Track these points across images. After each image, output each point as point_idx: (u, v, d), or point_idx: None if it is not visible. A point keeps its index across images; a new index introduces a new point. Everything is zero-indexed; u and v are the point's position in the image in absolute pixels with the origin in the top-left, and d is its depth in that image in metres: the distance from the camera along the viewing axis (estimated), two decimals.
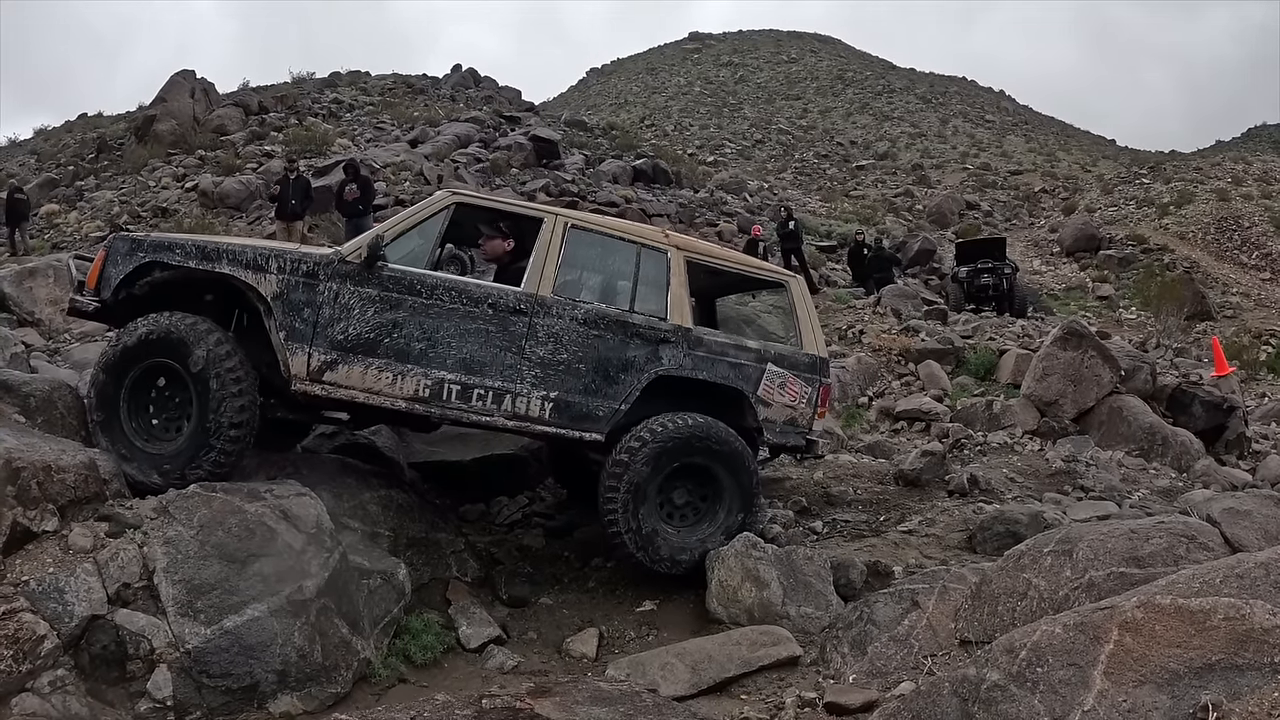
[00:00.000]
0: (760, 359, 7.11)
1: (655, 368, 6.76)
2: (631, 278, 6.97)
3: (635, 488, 6.54)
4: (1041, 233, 46.13)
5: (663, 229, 7.78)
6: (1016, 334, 16.55)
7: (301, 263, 6.17)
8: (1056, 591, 4.72)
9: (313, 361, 6.07)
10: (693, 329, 6.96)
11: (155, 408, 6.09)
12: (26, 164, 43.55)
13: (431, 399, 6.25)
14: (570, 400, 6.54)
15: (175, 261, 6.18)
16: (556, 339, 6.52)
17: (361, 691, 5.40)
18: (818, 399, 7.34)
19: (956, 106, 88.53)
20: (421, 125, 38.93)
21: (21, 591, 4.71)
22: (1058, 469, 10.50)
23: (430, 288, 6.32)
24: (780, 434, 7.21)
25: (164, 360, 5.92)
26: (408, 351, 6.21)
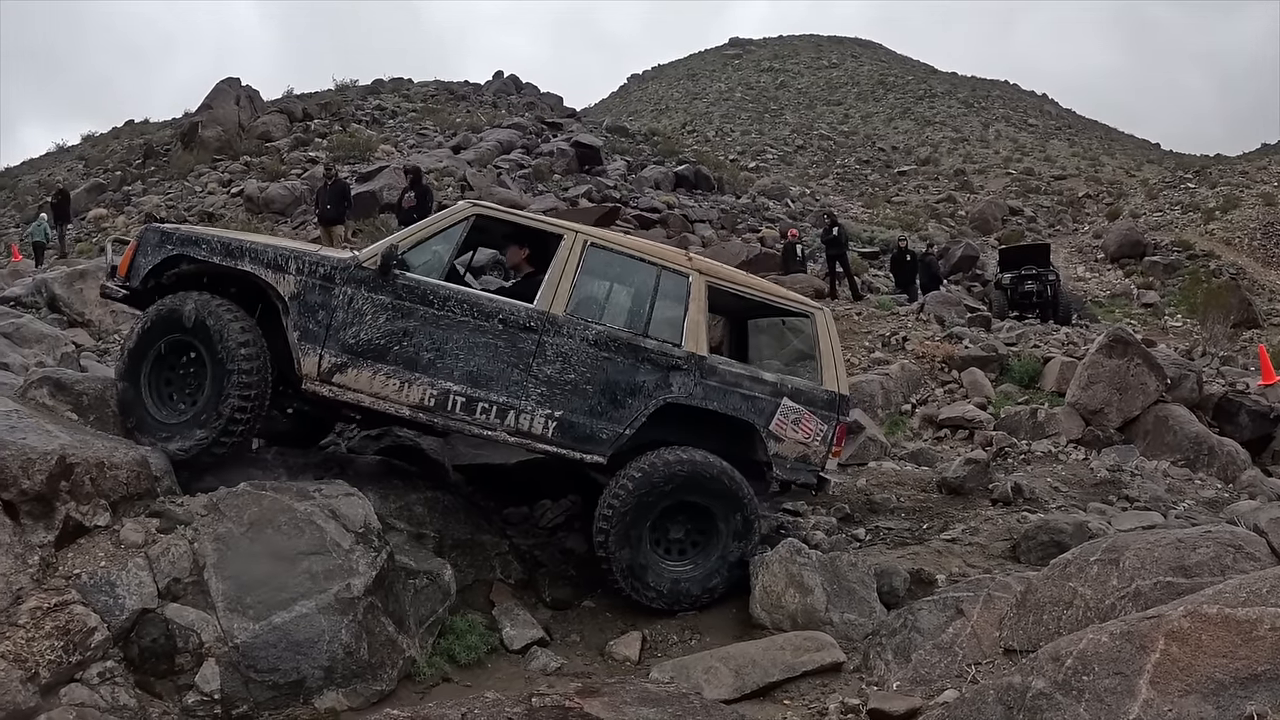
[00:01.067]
0: (776, 393, 6.92)
1: (664, 395, 6.67)
2: (649, 300, 6.87)
3: (625, 524, 6.50)
4: (1085, 239, 45.72)
5: (687, 251, 7.58)
6: (1061, 341, 16.42)
7: (319, 266, 6.32)
8: (1103, 600, 4.72)
9: (323, 363, 6.21)
10: (707, 357, 6.83)
11: (174, 382, 6.32)
12: (75, 169, 44.36)
13: (436, 409, 6.32)
14: (574, 421, 6.51)
15: (201, 256, 6.41)
16: (565, 358, 6.50)
17: (406, 690, 5.48)
18: (833, 438, 7.11)
19: (999, 110, 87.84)
20: (464, 131, 39.24)
21: (73, 584, 4.84)
22: (1102, 478, 10.43)
23: (443, 299, 6.39)
24: (791, 470, 7.01)
25: (187, 339, 6.15)
26: (416, 360, 6.30)
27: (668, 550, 6.81)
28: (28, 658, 4.36)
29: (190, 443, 6.04)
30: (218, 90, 40.52)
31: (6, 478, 4.88)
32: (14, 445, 5.01)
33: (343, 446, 8.36)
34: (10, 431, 5.18)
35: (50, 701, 4.36)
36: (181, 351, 6.27)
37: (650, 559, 6.64)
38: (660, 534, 6.77)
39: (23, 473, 4.92)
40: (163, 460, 5.88)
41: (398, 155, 34.24)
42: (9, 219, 37.96)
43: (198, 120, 39.27)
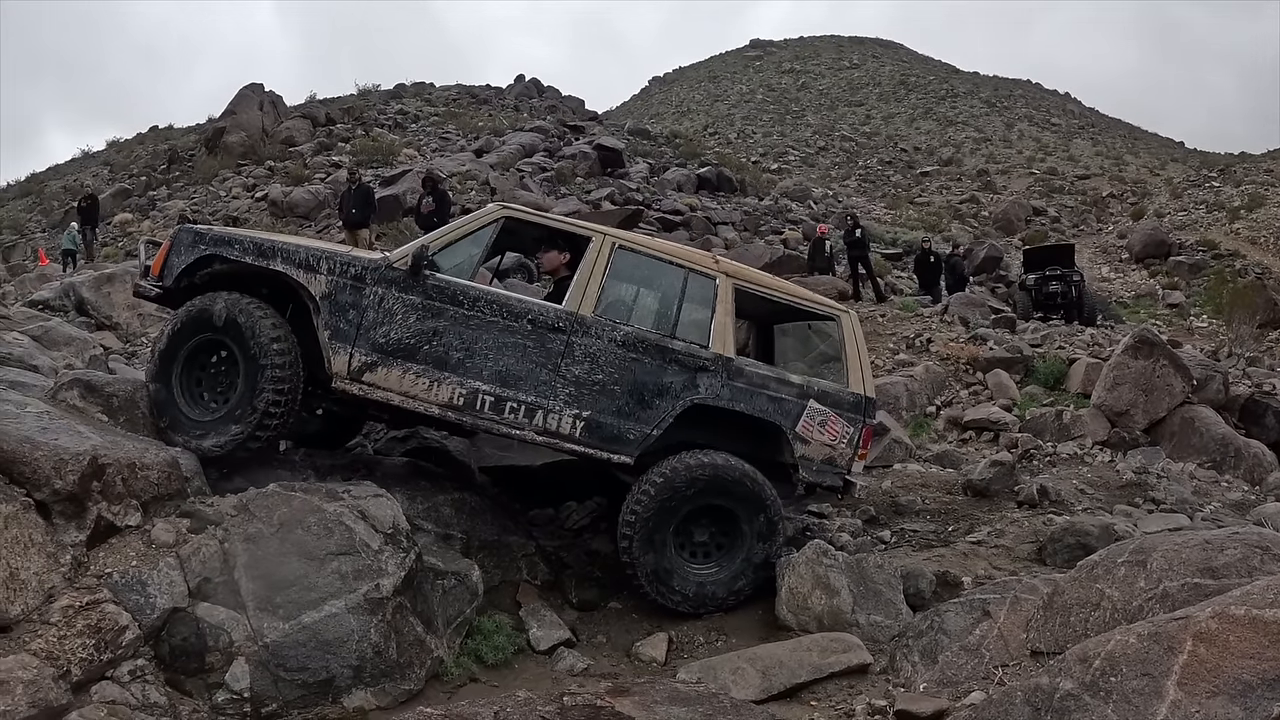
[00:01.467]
0: (802, 394, 6.90)
1: (691, 396, 6.67)
2: (676, 302, 6.91)
3: (649, 528, 6.51)
4: (1110, 238, 45.46)
5: (714, 254, 7.58)
6: (1086, 343, 16.35)
7: (350, 266, 6.40)
8: (1130, 602, 4.72)
9: (354, 362, 6.28)
10: (734, 359, 6.84)
11: (205, 381, 6.41)
12: (100, 175, 44.73)
13: (465, 408, 6.37)
14: (602, 421, 6.54)
15: (234, 256, 6.50)
16: (593, 359, 6.53)
17: (433, 689, 5.52)
18: (859, 440, 7.07)
19: (1021, 110, 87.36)
20: (486, 135, 39.39)
21: (105, 583, 4.90)
22: (1128, 481, 10.39)
23: (472, 299, 6.45)
24: (817, 473, 6.96)
25: (219, 338, 6.24)
26: (446, 360, 6.36)
27: (693, 553, 6.80)
28: (60, 655, 4.41)
29: (225, 438, 6.12)
30: (241, 96, 40.86)
31: (39, 478, 4.94)
32: (46, 446, 5.08)
33: (369, 448, 8.42)
34: (42, 432, 5.25)
35: (82, 699, 4.40)
36: (212, 351, 6.35)
37: (675, 562, 6.64)
38: (685, 537, 6.77)
39: (55, 473, 4.98)
40: (193, 461, 5.95)
41: (420, 159, 34.43)
42: (35, 224, 38.31)
43: (222, 125, 39.62)
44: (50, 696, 4.17)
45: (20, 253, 31.92)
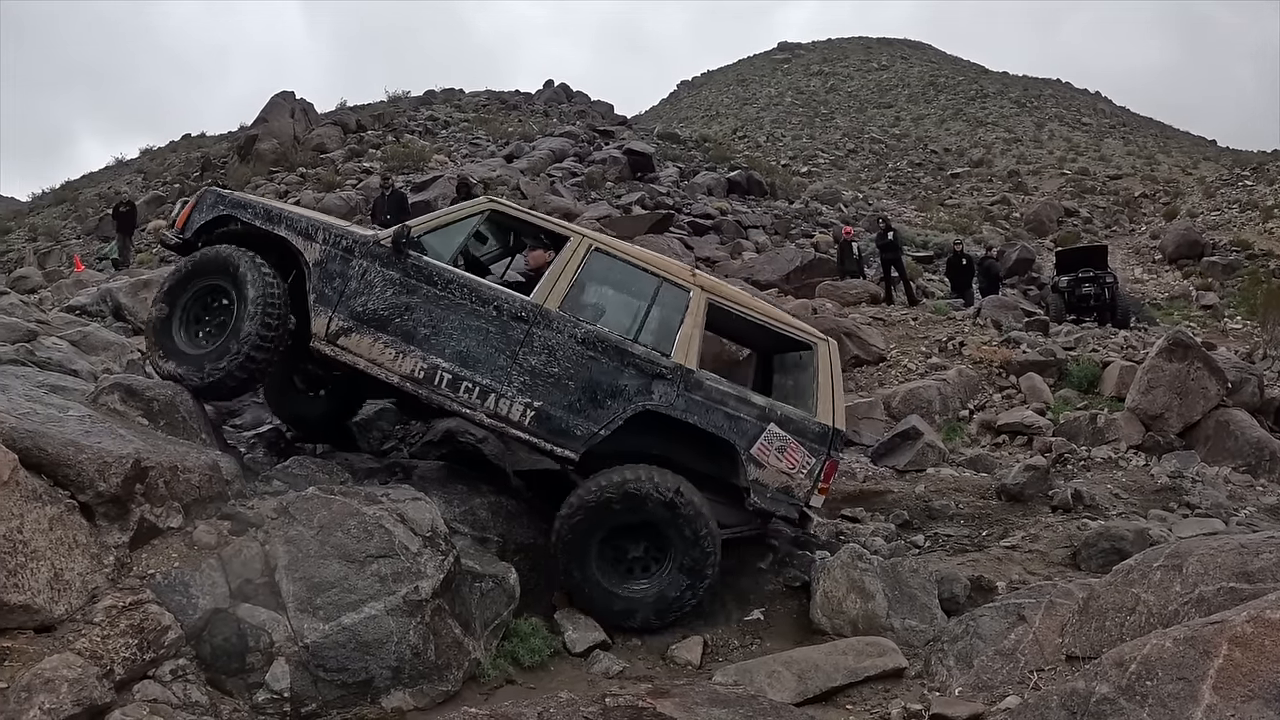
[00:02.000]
0: (763, 417, 6.75)
1: (644, 401, 6.66)
2: (645, 309, 6.96)
3: (574, 538, 6.51)
4: (1143, 239, 45.03)
5: (691, 267, 7.60)
6: (1119, 345, 16.21)
7: (343, 239, 6.85)
8: (1166, 606, 4.71)
9: (332, 325, 6.68)
10: (695, 371, 6.76)
11: (204, 321, 6.92)
12: (134, 182, 45.16)
13: (424, 381, 6.61)
14: (552, 413, 6.62)
15: (246, 218, 7.10)
16: (551, 352, 6.66)
17: (470, 690, 5.57)
18: (821, 473, 6.80)
19: (1052, 110, 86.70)
20: (516, 140, 39.54)
21: (148, 584, 4.97)
22: (1163, 485, 10.32)
23: (445, 281, 6.74)
24: (770, 500, 6.73)
25: (222, 283, 6.76)
26: (413, 334, 6.65)
27: (629, 569, 6.72)
28: (103, 654, 4.46)
29: (210, 368, 6.59)
30: (273, 104, 41.27)
31: (83, 480, 5.02)
32: (90, 449, 5.15)
33: (405, 452, 8.50)
34: (85, 436, 5.33)
35: (124, 697, 4.45)
36: (214, 296, 6.86)
37: (595, 576, 6.58)
38: (619, 551, 6.72)
39: (99, 475, 5.06)
40: (233, 464, 6.05)
41: (451, 165, 34.59)
42: (70, 231, 38.74)
43: (254, 133, 39.99)
44: (94, 695, 4.23)
45: (56, 259, 32.29)
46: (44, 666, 4.16)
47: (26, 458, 4.84)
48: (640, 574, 6.69)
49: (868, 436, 12.37)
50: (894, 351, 15.87)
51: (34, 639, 4.37)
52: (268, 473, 6.71)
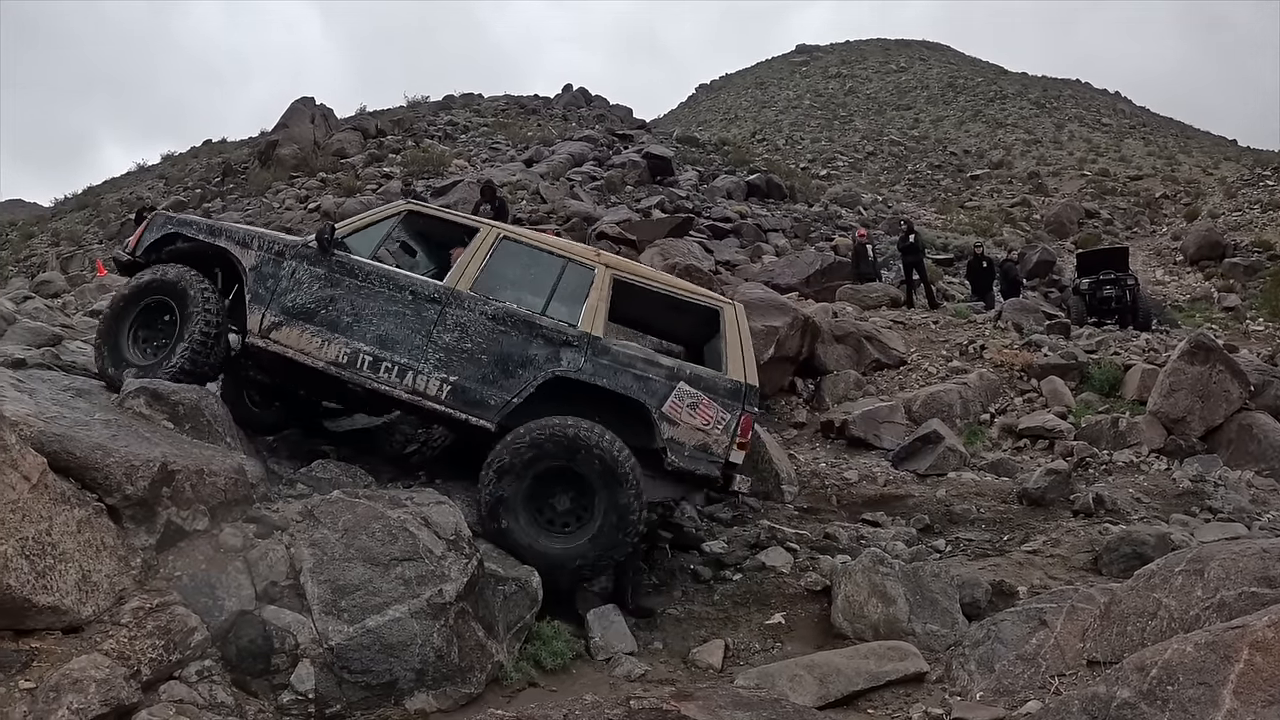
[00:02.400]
0: (672, 376, 6.94)
1: (553, 367, 6.92)
2: (551, 286, 7.26)
3: (502, 480, 6.57)
4: (1164, 241, 44.73)
5: (597, 250, 7.95)
6: (1141, 348, 16.10)
7: (275, 244, 7.38)
8: (1187, 611, 4.69)
9: (265, 321, 7.11)
10: (601, 338, 7.03)
11: (150, 336, 7.33)
12: (155, 187, 45.42)
13: (347, 365, 6.96)
14: (466, 386, 6.90)
15: (191, 234, 7.58)
16: (463, 329, 7.01)
17: (493, 693, 5.61)
18: (737, 427, 6.94)
19: (1071, 110, 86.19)
20: (536, 145, 39.58)
21: (174, 586, 5.02)
22: (1185, 489, 10.28)
23: (366, 273, 7.18)
24: (689, 458, 6.85)
25: (164, 299, 7.22)
26: (337, 323, 7.06)
27: (551, 521, 6.73)
28: (130, 655, 4.52)
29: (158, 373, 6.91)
30: (293, 109, 41.52)
31: (111, 483, 5.09)
32: (117, 452, 5.22)
33: (427, 454, 8.55)
34: (113, 439, 5.40)
35: (151, 697, 4.51)
36: (158, 312, 7.28)
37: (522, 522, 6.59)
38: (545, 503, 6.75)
39: (126, 479, 5.13)
40: (258, 468, 6.11)
41: (471, 170, 34.69)
42: (93, 235, 39.02)
43: (274, 138, 40.24)
44: (121, 695, 4.28)
45: (79, 263, 32.56)
46: (72, 667, 4.22)
47: (55, 461, 4.91)
48: (563, 529, 6.72)
49: (888, 440, 12.36)
50: (914, 355, 15.83)
51: (62, 640, 4.43)
52: (292, 476, 6.77)
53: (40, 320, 10.63)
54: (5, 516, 4.30)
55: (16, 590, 4.21)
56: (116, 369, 7.09)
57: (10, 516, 4.33)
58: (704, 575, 7.66)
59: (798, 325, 14.11)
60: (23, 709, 3.96)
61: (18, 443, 4.59)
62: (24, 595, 4.25)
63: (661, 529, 8.54)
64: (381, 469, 7.51)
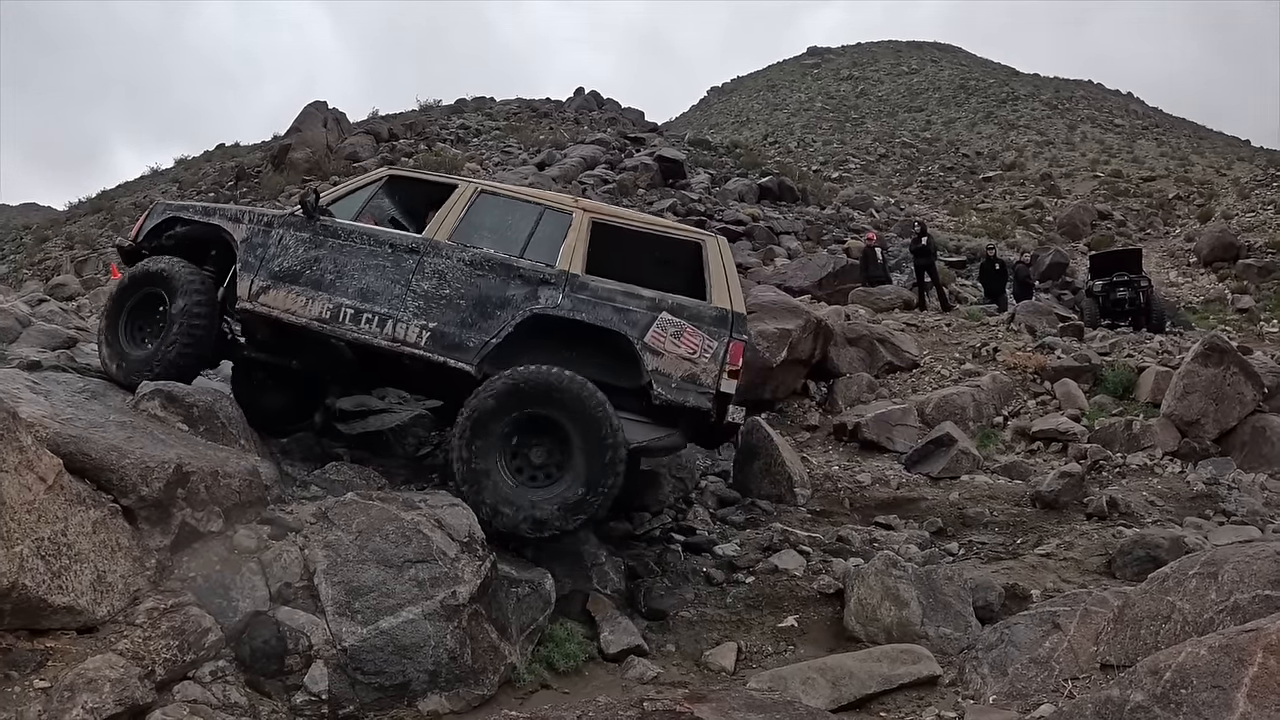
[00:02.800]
0: (653, 307, 6.87)
1: (531, 305, 6.95)
2: (529, 232, 7.35)
3: (479, 423, 6.55)
4: (1177, 242, 44.52)
5: (575, 197, 8.18)
6: (1155, 350, 16.04)
7: (264, 216, 7.68)
8: (1201, 614, 4.68)
9: (254, 286, 7.32)
10: (580, 275, 7.05)
11: (145, 326, 7.55)
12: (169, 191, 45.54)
13: (330, 320, 7.12)
14: (445, 331, 6.98)
15: (188, 216, 7.92)
16: (441, 275, 7.12)
17: (506, 695, 5.62)
18: (726, 355, 6.82)
19: (1084, 111, 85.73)
20: (548, 148, 39.60)
21: (189, 586, 5.07)
22: (1199, 492, 10.25)
23: (348, 232, 7.40)
24: (677, 390, 6.71)
25: (155, 290, 7.46)
26: (320, 281, 7.24)
27: (532, 476, 6.66)
28: (145, 655, 4.56)
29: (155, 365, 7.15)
30: (306, 113, 41.68)
31: (126, 484, 5.14)
32: (133, 454, 5.27)
33: (440, 458, 8.57)
34: (128, 441, 5.45)
35: (165, 697, 4.54)
36: (154, 303, 7.48)
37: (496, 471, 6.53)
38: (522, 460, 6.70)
39: (141, 480, 5.17)
40: (272, 470, 6.15)
41: (483, 173, 34.73)
42: (107, 239, 39.17)
43: (287, 142, 40.37)
44: (135, 695, 4.31)
45: (93, 266, 32.70)
46: (87, 666, 4.25)
47: (71, 462, 4.95)
48: (543, 480, 6.64)
49: (901, 443, 12.34)
50: (927, 358, 15.79)
51: (77, 639, 4.46)
52: (305, 478, 6.81)
53: (55, 323, 10.69)
54: (22, 517, 4.33)
55: (32, 590, 4.24)
56: (117, 363, 7.34)
57: (26, 517, 4.36)
58: (717, 578, 7.65)
59: (810, 328, 14.09)
60: (37, 708, 3.99)
61: (34, 444, 4.62)
62: (40, 595, 4.28)
63: (675, 532, 8.55)
64: (395, 471, 7.54)
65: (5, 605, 4.18)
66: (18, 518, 4.30)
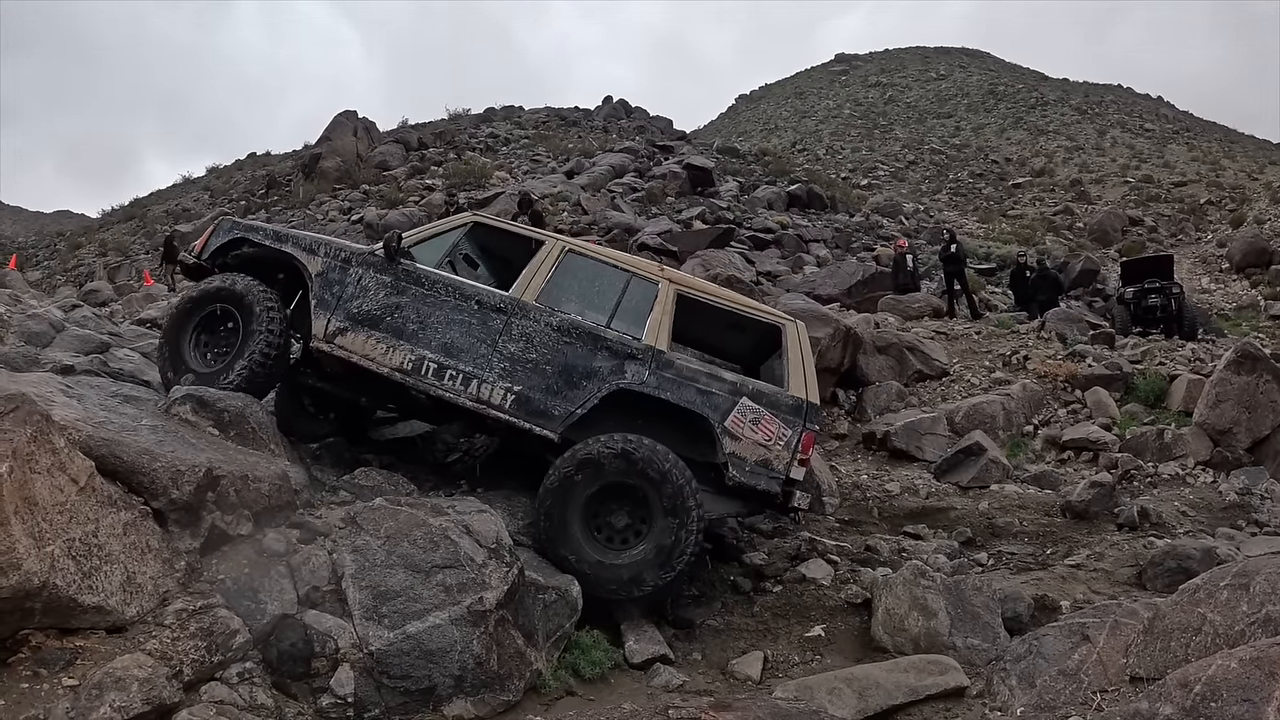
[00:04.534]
0: (735, 391, 7.00)
1: (618, 380, 6.97)
2: (616, 299, 7.32)
3: (563, 491, 6.61)
4: (1209, 248, 44.04)
5: (660, 265, 8.11)
6: (1187, 358, 15.91)
7: (341, 251, 7.45)
8: (1232, 626, 4.63)
9: (330, 326, 7.19)
10: (665, 352, 7.09)
11: (211, 342, 7.42)
12: (200, 199, 46.05)
13: (412, 371, 7.05)
14: (530, 396, 6.98)
15: (258, 239, 7.69)
16: (528, 339, 7.08)
17: (531, 701, 5.63)
18: (799, 443, 6.98)
19: (1114, 116, 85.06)
20: (576, 157, 39.74)
21: (217, 588, 5.10)
22: (1231, 502, 10.15)
23: (431, 281, 7.27)
24: (750, 473, 6.89)
25: (228, 306, 7.28)
26: (402, 330, 7.14)
27: (610, 538, 6.75)
28: (172, 656, 4.58)
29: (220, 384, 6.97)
30: (336, 123, 42.04)
31: (157, 487, 5.18)
32: (164, 457, 5.32)
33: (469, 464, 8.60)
34: (159, 444, 5.50)
35: (192, 697, 4.56)
36: (220, 320, 7.36)
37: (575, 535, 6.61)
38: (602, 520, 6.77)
39: (172, 483, 5.22)
40: (302, 475, 6.18)
41: (512, 181, 34.89)
42: (139, 246, 39.57)
43: (318, 151, 40.74)
44: (163, 694, 4.34)
45: (126, 273, 33.05)
46: (115, 666, 4.28)
47: (102, 465, 5.00)
48: (620, 545, 6.74)
49: (930, 452, 12.28)
50: (957, 366, 15.72)
51: (106, 639, 4.49)
52: (335, 483, 6.85)
53: (88, 328, 10.79)
54: (54, 517, 4.37)
55: (62, 590, 4.28)
56: (175, 373, 7.20)
57: (58, 518, 4.40)
58: (744, 587, 7.64)
59: (839, 336, 14.06)
60: (65, 705, 4.02)
61: (66, 446, 4.67)
62: (70, 595, 4.32)
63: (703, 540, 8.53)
64: (423, 477, 7.57)
65: (36, 604, 4.22)
66: (49, 518, 4.34)
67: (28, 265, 38.51)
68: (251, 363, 7.06)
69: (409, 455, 8.47)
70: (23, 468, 4.27)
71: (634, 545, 6.70)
